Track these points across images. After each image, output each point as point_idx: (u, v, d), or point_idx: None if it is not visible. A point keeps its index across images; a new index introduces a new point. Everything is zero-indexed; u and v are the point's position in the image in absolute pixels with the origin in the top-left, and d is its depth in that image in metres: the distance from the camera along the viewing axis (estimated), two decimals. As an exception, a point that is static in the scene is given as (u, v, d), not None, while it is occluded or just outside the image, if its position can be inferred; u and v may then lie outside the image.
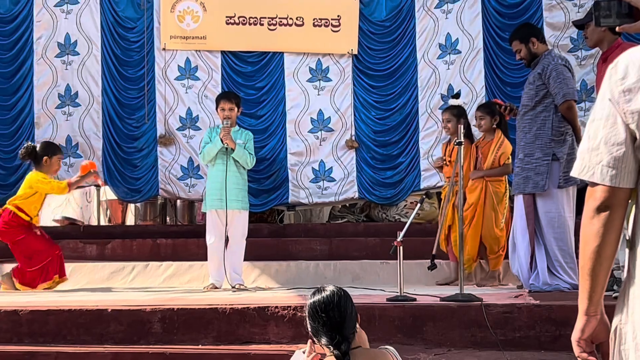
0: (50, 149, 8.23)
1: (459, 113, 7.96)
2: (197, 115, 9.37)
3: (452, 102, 8.21)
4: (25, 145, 8.26)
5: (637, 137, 2.19)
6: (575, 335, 2.34)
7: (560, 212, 6.88)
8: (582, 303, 2.31)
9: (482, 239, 7.78)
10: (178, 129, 9.36)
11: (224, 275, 7.82)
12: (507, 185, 7.81)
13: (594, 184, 2.24)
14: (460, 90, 9.00)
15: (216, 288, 7.76)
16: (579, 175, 2.27)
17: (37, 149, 8.15)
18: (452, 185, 7.74)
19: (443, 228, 7.41)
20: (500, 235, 7.69)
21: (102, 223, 10.50)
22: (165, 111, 9.35)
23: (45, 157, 8.10)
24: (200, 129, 9.24)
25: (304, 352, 3.33)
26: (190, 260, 8.44)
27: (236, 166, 7.97)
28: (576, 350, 2.34)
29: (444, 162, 8.15)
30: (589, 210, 2.25)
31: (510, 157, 7.74)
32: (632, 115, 2.18)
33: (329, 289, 3.27)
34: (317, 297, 3.25)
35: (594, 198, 2.24)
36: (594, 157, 2.23)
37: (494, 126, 7.77)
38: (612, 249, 2.25)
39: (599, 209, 2.23)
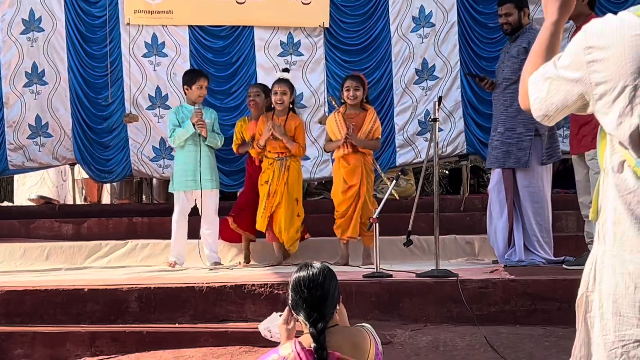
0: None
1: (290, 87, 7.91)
2: (167, 93, 9.22)
3: (282, 75, 8.03)
4: None
5: (590, 106, 2.23)
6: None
7: (540, 187, 6.91)
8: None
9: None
10: (148, 108, 9.20)
11: (185, 254, 7.88)
12: (374, 160, 7.92)
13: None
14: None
15: (176, 264, 7.76)
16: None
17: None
18: (283, 161, 7.77)
19: (263, 207, 7.52)
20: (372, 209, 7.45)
21: (78, 202, 10.38)
22: (132, 90, 9.18)
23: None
24: (171, 107, 8.99)
25: (280, 316, 3.32)
26: (166, 238, 8.37)
27: (208, 147, 7.99)
28: None
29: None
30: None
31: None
32: (591, 85, 2.20)
33: (317, 266, 3.26)
34: (303, 272, 3.23)
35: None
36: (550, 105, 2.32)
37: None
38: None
39: None
